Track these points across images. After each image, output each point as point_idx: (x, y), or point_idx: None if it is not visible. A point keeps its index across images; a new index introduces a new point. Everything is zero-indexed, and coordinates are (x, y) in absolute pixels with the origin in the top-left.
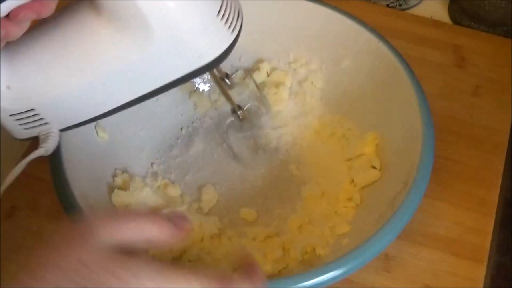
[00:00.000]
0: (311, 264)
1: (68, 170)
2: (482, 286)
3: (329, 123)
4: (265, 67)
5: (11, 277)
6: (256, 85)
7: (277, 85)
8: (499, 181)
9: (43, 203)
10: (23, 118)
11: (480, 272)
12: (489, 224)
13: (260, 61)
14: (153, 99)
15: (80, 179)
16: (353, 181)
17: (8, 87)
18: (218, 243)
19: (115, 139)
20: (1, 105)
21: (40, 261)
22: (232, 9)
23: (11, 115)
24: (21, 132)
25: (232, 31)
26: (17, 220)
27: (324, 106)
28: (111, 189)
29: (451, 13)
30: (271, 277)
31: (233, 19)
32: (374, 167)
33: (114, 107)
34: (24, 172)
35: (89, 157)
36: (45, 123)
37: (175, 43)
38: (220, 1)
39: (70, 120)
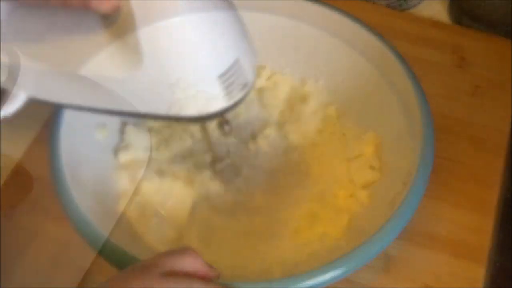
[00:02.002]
0: (311, 265)
1: (67, 169)
2: (481, 286)
3: (329, 123)
4: (265, 74)
5: None
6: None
7: (276, 87)
8: (499, 181)
9: (43, 203)
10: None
11: (479, 272)
12: (488, 224)
13: (259, 66)
14: None
15: (80, 178)
16: (352, 181)
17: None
18: (214, 241)
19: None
20: None
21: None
22: (239, 79)
23: None
24: None
25: (229, 98)
26: (17, 220)
27: (324, 106)
28: (110, 189)
29: (451, 13)
30: (271, 277)
31: (235, 87)
32: (373, 167)
33: (87, 105)
34: (24, 172)
35: (88, 156)
36: (16, 84)
37: (160, 81)
38: (228, 65)
39: (39, 94)
